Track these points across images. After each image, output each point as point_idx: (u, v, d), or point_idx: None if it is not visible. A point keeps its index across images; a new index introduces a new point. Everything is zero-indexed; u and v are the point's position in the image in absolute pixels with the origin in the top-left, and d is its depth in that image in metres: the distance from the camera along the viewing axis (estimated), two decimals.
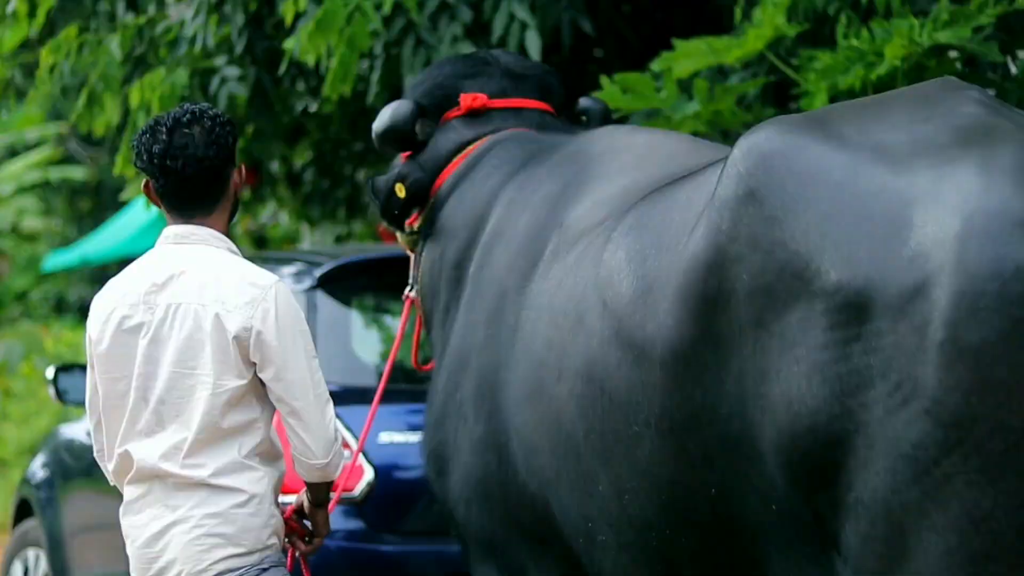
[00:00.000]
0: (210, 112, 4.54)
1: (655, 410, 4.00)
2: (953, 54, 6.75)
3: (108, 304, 4.53)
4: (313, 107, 9.57)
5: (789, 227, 3.68)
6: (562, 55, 7.85)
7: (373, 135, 5.36)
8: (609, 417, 4.14)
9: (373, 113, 9.30)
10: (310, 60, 7.42)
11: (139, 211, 19.56)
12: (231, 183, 4.58)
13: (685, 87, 6.95)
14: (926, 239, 3.49)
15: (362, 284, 7.18)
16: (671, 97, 6.79)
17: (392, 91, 8.02)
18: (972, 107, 3.74)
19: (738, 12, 7.30)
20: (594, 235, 4.41)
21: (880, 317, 3.52)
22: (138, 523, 4.49)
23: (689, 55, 6.96)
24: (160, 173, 4.50)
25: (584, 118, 5.71)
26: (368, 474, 6.49)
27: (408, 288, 5.54)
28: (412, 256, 5.51)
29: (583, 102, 5.64)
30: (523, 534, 4.70)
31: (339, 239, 11.57)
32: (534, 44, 7.46)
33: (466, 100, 5.43)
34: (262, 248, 13.31)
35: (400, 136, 5.37)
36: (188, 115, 4.50)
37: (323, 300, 6.87)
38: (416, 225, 5.44)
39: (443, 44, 7.60)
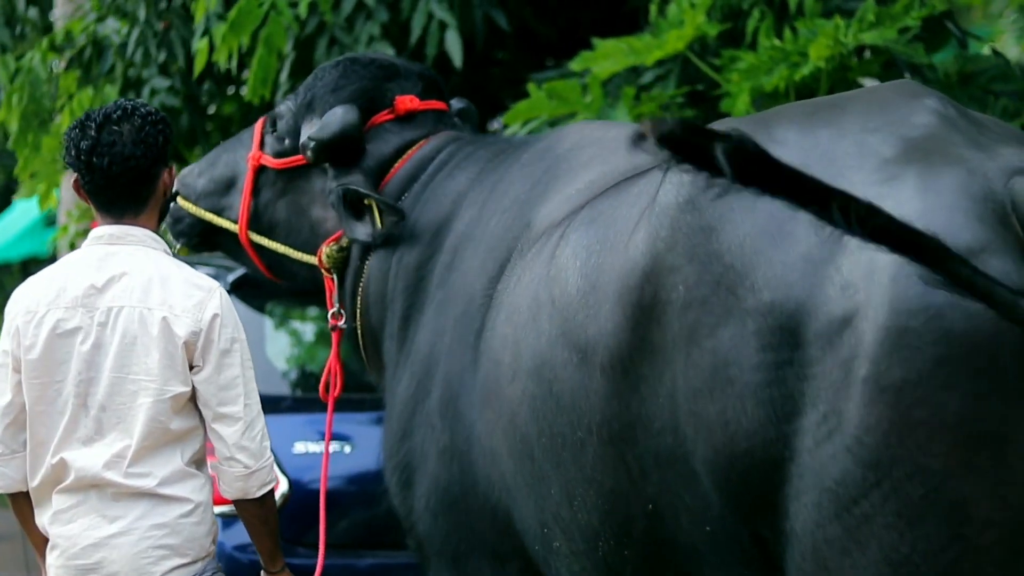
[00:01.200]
0: (142, 110, 4.40)
1: (596, 417, 3.88)
2: (867, 55, 6.69)
3: (34, 306, 4.35)
4: (211, 108, 9.42)
5: (725, 238, 3.53)
6: (475, 54, 7.70)
7: (314, 144, 5.07)
8: (557, 420, 4.00)
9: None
10: (223, 61, 7.24)
11: (20, 214, 19.34)
12: (160, 183, 4.44)
13: (607, 90, 6.88)
14: (858, 267, 3.34)
15: (274, 290, 6.99)
16: (596, 102, 6.68)
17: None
18: (925, 117, 3.55)
19: (653, 9, 7.22)
20: (553, 231, 4.27)
21: (811, 345, 3.38)
22: (68, 533, 4.33)
23: (609, 55, 6.90)
24: (86, 170, 4.37)
25: (457, 120, 5.53)
26: (283, 485, 6.33)
27: (333, 312, 5.25)
28: (329, 278, 5.21)
29: (456, 104, 5.47)
30: (484, 548, 4.56)
31: None
32: (455, 45, 7.37)
33: (403, 103, 5.19)
34: (173, 253, 12.98)
35: (350, 143, 5.10)
36: (119, 111, 4.37)
37: (235, 306, 6.66)
38: (344, 238, 5.15)
39: (359, 44, 7.49)
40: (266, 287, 6.46)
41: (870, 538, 3.34)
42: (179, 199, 5.42)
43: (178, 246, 5.43)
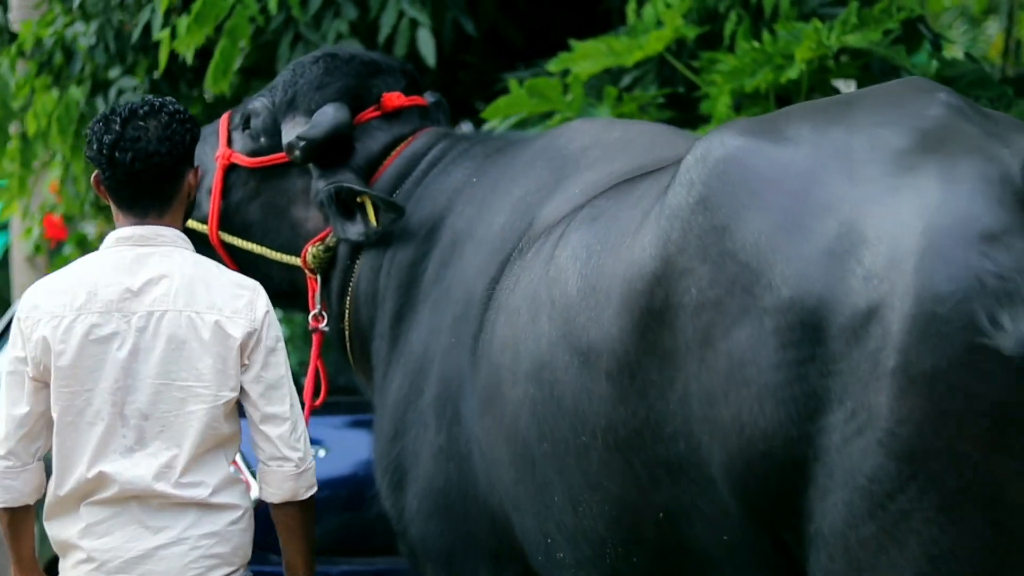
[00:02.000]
0: (171, 107, 4.27)
1: (601, 422, 3.81)
2: (844, 58, 6.67)
3: (61, 311, 4.19)
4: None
5: (740, 238, 3.48)
6: (443, 57, 7.59)
7: (304, 144, 4.93)
8: (560, 425, 3.94)
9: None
10: (188, 55, 7.09)
11: None
12: (185, 183, 4.31)
13: (588, 90, 6.82)
14: (880, 257, 3.30)
15: None
16: (578, 100, 6.61)
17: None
18: (938, 110, 3.53)
19: (630, 12, 7.16)
20: (553, 230, 4.22)
21: (835, 339, 3.33)
22: (106, 546, 4.19)
23: (588, 56, 6.83)
24: (108, 165, 4.23)
25: (440, 115, 5.46)
26: (254, 489, 6.18)
27: (315, 313, 5.14)
28: (312, 278, 5.11)
29: (429, 98, 5.36)
30: (482, 551, 4.49)
31: None
32: (428, 45, 7.25)
33: (390, 100, 5.12)
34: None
35: (340, 142, 5.00)
36: (146, 107, 4.24)
37: None
38: (330, 238, 5.06)
39: (326, 42, 7.36)
40: None
41: (908, 534, 3.28)
42: None
43: None
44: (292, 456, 4.25)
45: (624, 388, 3.73)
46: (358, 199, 4.88)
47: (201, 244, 5.25)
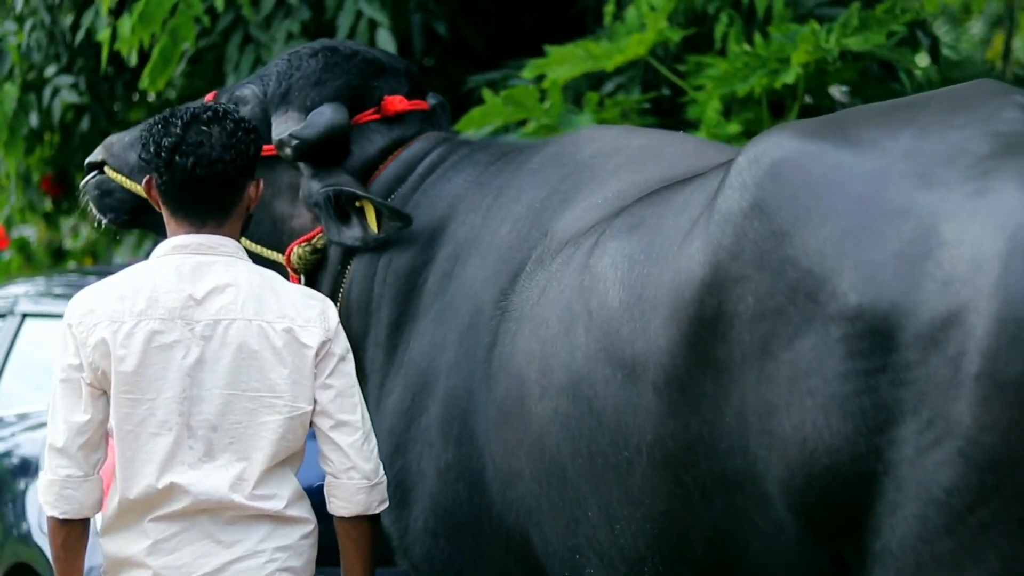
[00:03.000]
0: (235, 115, 4.11)
1: (647, 436, 3.64)
2: (837, 63, 6.28)
3: (119, 316, 3.99)
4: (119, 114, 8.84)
5: (801, 243, 3.34)
6: (410, 59, 7.13)
7: (297, 143, 4.65)
8: (598, 439, 3.78)
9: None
10: (132, 56, 6.71)
11: None
12: (246, 195, 4.13)
13: (566, 96, 6.51)
14: (962, 260, 3.16)
15: None
16: (556, 107, 6.25)
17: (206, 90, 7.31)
18: (1014, 112, 3.37)
19: (608, 15, 6.78)
20: (582, 239, 4.05)
21: (909, 346, 3.18)
22: (177, 563, 4.01)
23: (564, 61, 6.50)
24: (166, 168, 4.04)
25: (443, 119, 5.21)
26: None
27: None
28: (296, 278, 4.82)
29: (431, 100, 5.09)
30: (493, 571, 4.32)
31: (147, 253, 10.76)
32: (388, 45, 6.89)
33: (392, 104, 4.86)
34: (60, 262, 12.47)
35: (339, 143, 4.74)
36: (209, 112, 4.07)
37: None
38: (319, 239, 4.79)
39: (276, 43, 7.00)
40: None
41: (988, 548, 3.13)
42: (107, 170, 4.96)
43: (104, 221, 5.01)
44: (364, 467, 4.08)
45: (674, 401, 3.57)
46: (357, 203, 4.69)
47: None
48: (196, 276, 4.03)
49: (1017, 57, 9.80)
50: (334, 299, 4.76)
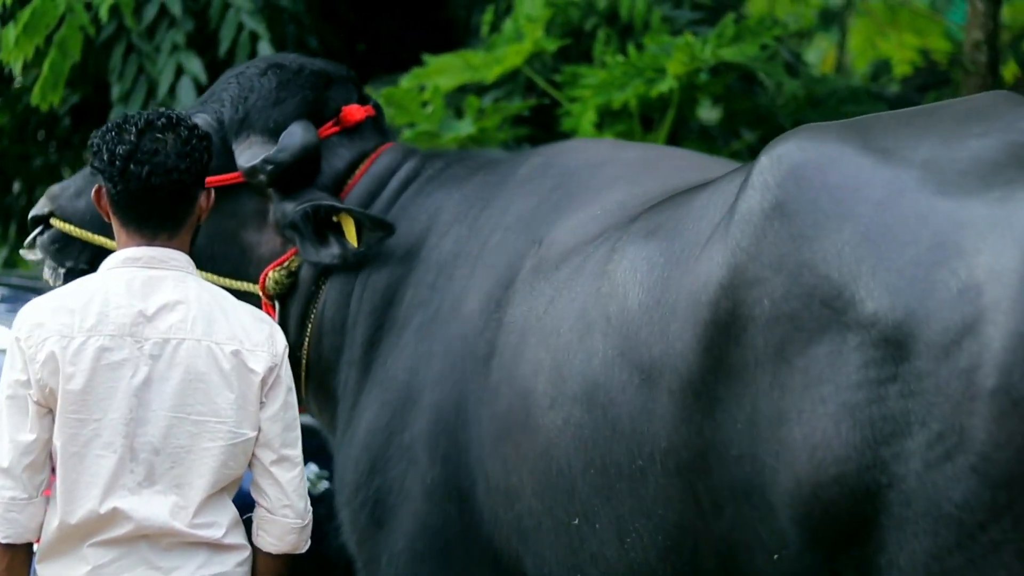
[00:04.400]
0: (188, 121, 3.95)
1: (661, 444, 3.55)
2: (705, 76, 6.51)
3: (68, 331, 3.84)
4: None
5: (820, 247, 3.27)
6: None
7: (272, 168, 4.52)
8: (612, 449, 3.66)
9: (55, 123, 8.74)
10: (16, 67, 6.65)
11: None
12: (197, 206, 3.97)
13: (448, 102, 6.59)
14: (979, 270, 3.08)
15: None
16: (437, 113, 6.34)
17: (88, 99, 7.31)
18: None
19: (485, 26, 6.94)
20: (593, 247, 3.94)
21: (922, 356, 3.11)
22: None
23: (444, 71, 6.61)
24: (120, 178, 3.88)
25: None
26: None
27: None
28: (270, 305, 4.67)
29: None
30: None
31: (7, 264, 10.57)
32: None
33: (351, 114, 4.74)
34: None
35: (312, 162, 4.61)
36: (163, 119, 3.90)
37: None
38: (293, 261, 4.65)
39: (161, 53, 6.99)
40: None
41: (998, 567, 3.07)
42: (56, 221, 4.74)
43: (57, 273, 4.77)
44: (299, 505, 3.96)
45: (689, 407, 3.48)
46: (334, 219, 4.56)
47: None
48: (147, 291, 3.89)
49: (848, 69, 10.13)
50: (305, 321, 4.68)
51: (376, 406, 4.38)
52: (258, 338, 3.92)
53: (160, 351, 3.84)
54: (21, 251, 4.86)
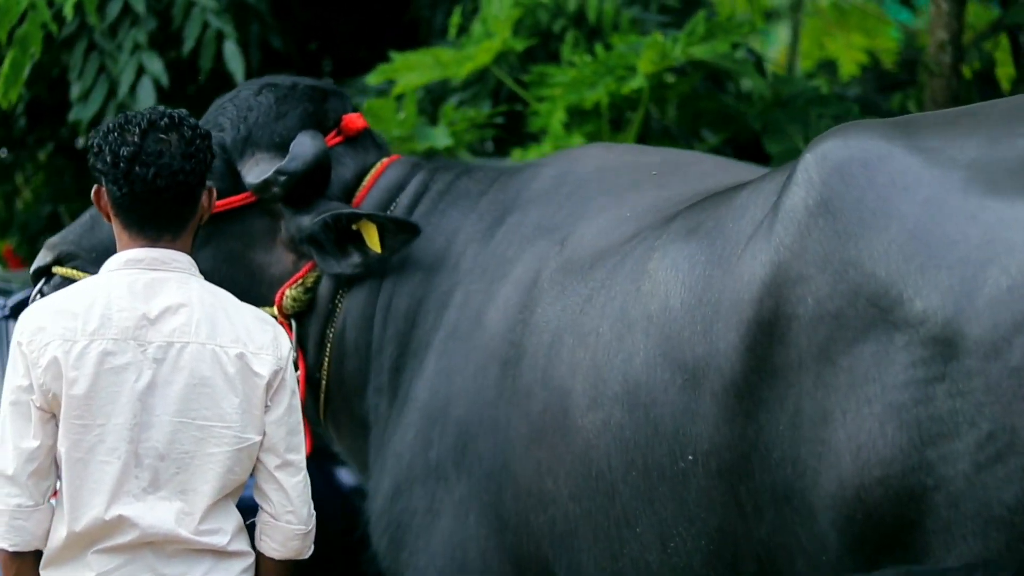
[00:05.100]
0: (190, 120, 3.88)
1: (704, 445, 3.52)
2: (671, 78, 6.53)
3: (71, 335, 3.77)
4: None
5: (867, 245, 3.24)
6: (250, 73, 7.17)
7: (285, 179, 4.45)
8: (654, 450, 3.63)
9: (11, 123, 8.63)
10: None
11: None
12: (200, 206, 3.92)
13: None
14: None
15: None
16: (410, 119, 6.34)
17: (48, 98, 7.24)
18: None
19: (452, 28, 6.93)
20: (629, 247, 3.91)
21: (971, 354, 3.08)
22: None
23: (412, 68, 6.57)
24: (124, 180, 3.81)
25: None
26: None
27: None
28: (287, 325, 4.59)
29: None
30: None
31: None
32: (236, 58, 6.85)
33: (353, 122, 4.68)
34: None
35: (324, 171, 4.53)
36: (166, 119, 3.83)
37: None
38: (308, 278, 4.58)
39: (123, 52, 6.93)
40: None
41: None
42: (60, 268, 4.62)
43: None
44: (302, 511, 3.91)
45: (731, 408, 3.45)
46: (353, 227, 4.49)
47: None
48: (149, 294, 3.84)
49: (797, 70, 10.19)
50: (324, 341, 4.61)
51: (401, 429, 4.34)
52: (262, 341, 3.86)
53: (164, 355, 3.79)
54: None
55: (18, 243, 10.25)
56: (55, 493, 3.84)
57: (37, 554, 3.84)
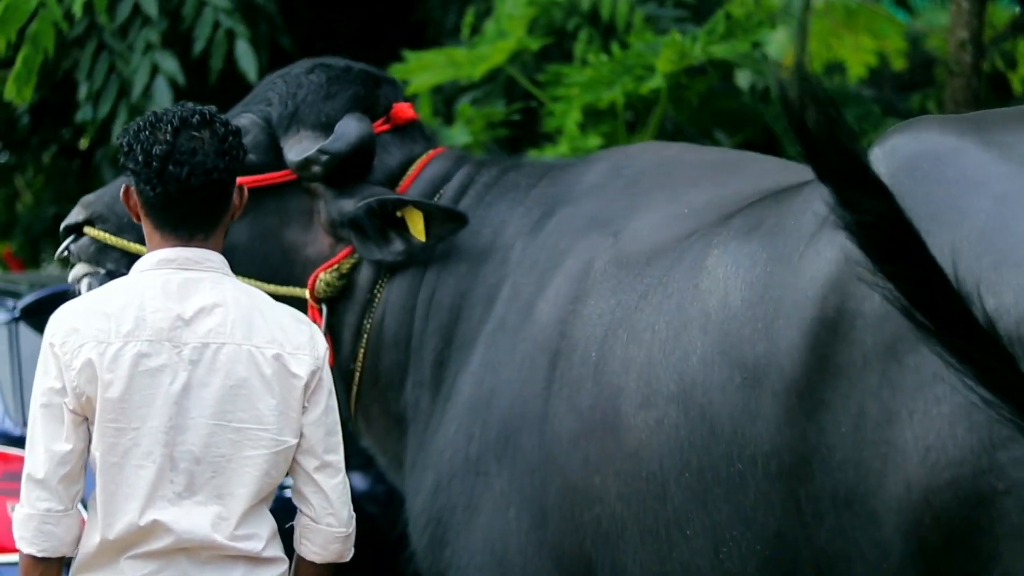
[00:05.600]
0: (221, 116, 3.78)
1: (763, 447, 3.42)
2: (684, 78, 6.48)
3: (105, 336, 3.68)
4: None
5: (936, 242, 3.08)
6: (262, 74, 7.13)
7: (327, 159, 4.38)
8: (709, 451, 3.53)
9: (13, 123, 8.59)
10: None
11: None
12: (232, 205, 3.82)
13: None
14: None
15: None
16: (425, 119, 6.21)
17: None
18: None
19: (465, 28, 6.89)
20: (688, 244, 3.82)
21: None
22: None
23: (426, 68, 6.52)
24: (158, 180, 3.70)
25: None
26: None
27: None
28: (317, 310, 4.51)
29: None
30: None
31: None
32: (248, 58, 6.81)
33: (403, 111, 4.59)
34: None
35: (367, 155, 4.45)
36: (197, 116, 3.72)
37: (27, 335, 5.92)
38: (344, 263, 4.48)
39: (135, 52, 6.85)
40: None
41: None
42: (91, 230, 4.54)
43: (97, 276, 4.56)
44: (342, 513, 3.81)
45: (792, 409, 3.36)
46: (398, 214, 4.40)
47: None
48: (183, 294, 3.75)
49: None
50: (360, 331, 4.54)
51: (443, 426, 4.26)
52: (299, 340, 3.77)
53: (199, 356, 3.71)
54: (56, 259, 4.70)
55: (20, 245, 10.20)
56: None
57: (61, 562, 3.74)
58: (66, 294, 5.59)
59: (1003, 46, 7.07)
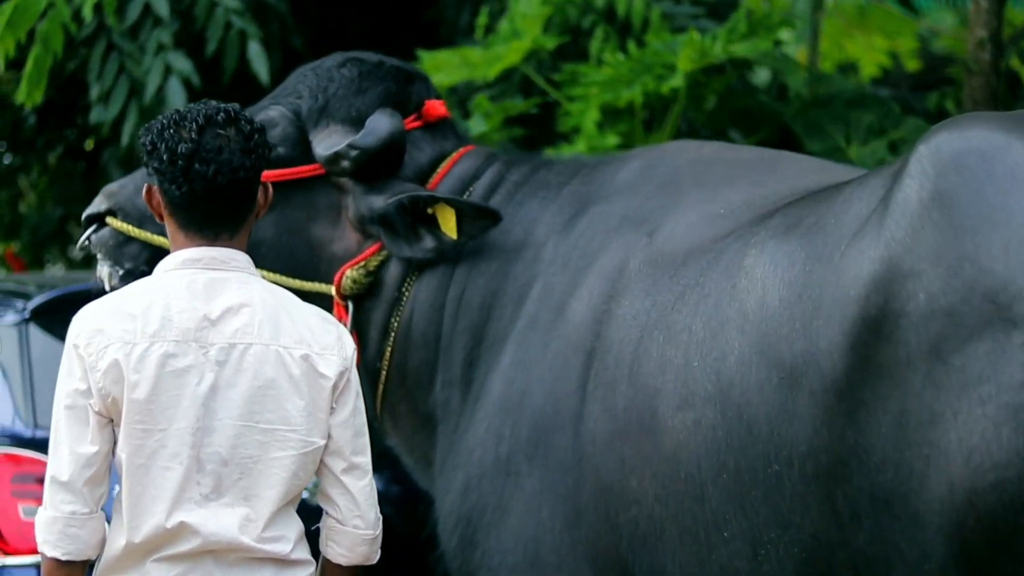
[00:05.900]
0: (245, 114, 3.73)
1: (800, 447, 3.39)
2: (701, 77, 6.42)
3: (131, 337, 3.62)
4: None
5: (984, 240, 3.13)
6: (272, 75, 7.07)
7: (357, 154, 4.31)
8: (747, 452, 3.50)
9: (20, 123, 8.54)
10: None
11: None
12: (257, 204, 3.77)
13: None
14: None
15: None
16: None
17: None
18: None
19: (480, 28, 6.83)
20: (725, 244, 3.78)
21: None
22: None
23: (441, 68, 6.46)
24: (184, 178, 3.65)
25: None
26: None
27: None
28: (342, 307, 4.46)
29: None
30: None
31: None
32: (260, 59, 6.74)
33: (435, 108, 4.55)
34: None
35: (398, 151, 4.39)
36: (222, 114, 3.67)
37: (37, 336, 5.85)
38: (372, 260, 4.43)
39: (146, 54, 6.81)
40: (72, 315, 5.69)
41: None
42: (113, 220, 4.49)
43: (115, 273, 4.53)
44: (369, 515, 3.77)
45: (831, 409, 3.33)
46: (429, 211, 4.35)
47: None
48: (210, 294, 3.70)
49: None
50: (387, 328, 4.48)
51: (473, 426, 4.20)
52: (327, 341, 3.71)
53: (226, 357, 3.65)
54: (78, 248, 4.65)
55: (24, 246, 10.14)
56: None
57: (84, 565, 3.68)
58: (75, 295, 5.58)
59: (1021, 45, 6.99)
